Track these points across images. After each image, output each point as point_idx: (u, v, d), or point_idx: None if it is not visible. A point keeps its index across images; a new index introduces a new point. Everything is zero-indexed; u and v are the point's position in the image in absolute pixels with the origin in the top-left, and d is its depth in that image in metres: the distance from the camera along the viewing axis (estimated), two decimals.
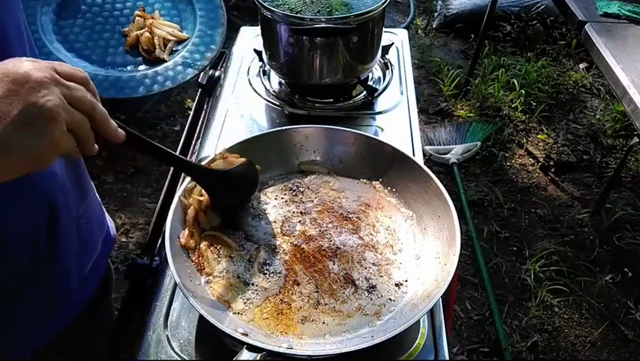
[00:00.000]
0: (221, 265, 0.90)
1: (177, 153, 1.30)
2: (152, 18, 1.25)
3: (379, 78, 1.47)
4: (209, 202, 0.93)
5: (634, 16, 2.16)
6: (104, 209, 1.11)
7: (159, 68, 1.18)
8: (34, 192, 0.80)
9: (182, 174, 1.21)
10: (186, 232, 0.91)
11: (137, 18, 1.25)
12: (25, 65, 0.58)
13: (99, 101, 0.65)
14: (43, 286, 0.90)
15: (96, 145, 0.66)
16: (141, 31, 1.21)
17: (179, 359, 0.85)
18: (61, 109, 0.58)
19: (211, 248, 0.92)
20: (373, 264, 0.92)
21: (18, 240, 0.81)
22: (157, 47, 1.19)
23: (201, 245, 0.91)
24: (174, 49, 1.20)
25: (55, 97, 0.58)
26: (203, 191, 0.93)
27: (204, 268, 0.89)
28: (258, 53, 1.44)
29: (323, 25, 1.21)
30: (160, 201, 1.15)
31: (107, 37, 1.20)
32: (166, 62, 1.18)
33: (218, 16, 1.19)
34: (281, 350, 0.74)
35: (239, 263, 0.90)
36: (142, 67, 1.20)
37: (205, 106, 1.44)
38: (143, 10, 1.26)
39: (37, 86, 0.57)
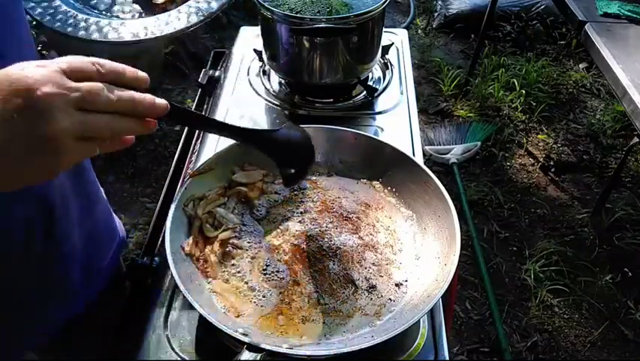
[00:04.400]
0: (222, 266, 0.90)
1: (177, 153, 1.30)
2: None
3: (379, 78, 1.47)
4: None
5: (634, 16, 2.16)
6: (112, 212, 1.11)
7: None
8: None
9: (182, 175, 1.21)
10: (190, 240, 0.90)
11: None
12: (29, 75, 0.53)
13: (123, 78, 0.60)
14: (43, 278, 0.90)
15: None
16: None
17: (179, 359, 0.85)
18: (70, 135, 0.54)
19: (214, 251, 0.91)
20: (373, 264, 0.92)
21: (10, 222, 0.79)
22: None
23: (205, 250, 0.91)
24: None
25: (64, 123, 0.53)
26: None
27: (206, 270, 0.89)
28: (258, 53, 1.44)
29: (323, 25, 1.20)
30: (160, 201, 1.15)
31: None
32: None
33: None
34: (281, 350, 0.74)
35: (239, 263, 0.90)
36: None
37: (205, 106, 1.44)
38: None
39: (43, 109, 0.52)
